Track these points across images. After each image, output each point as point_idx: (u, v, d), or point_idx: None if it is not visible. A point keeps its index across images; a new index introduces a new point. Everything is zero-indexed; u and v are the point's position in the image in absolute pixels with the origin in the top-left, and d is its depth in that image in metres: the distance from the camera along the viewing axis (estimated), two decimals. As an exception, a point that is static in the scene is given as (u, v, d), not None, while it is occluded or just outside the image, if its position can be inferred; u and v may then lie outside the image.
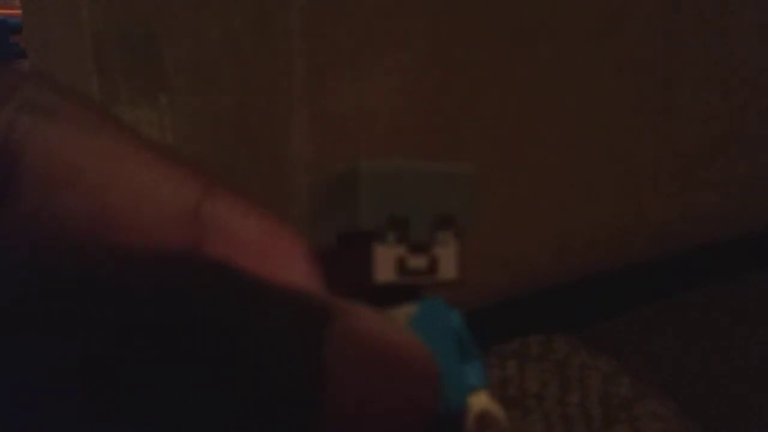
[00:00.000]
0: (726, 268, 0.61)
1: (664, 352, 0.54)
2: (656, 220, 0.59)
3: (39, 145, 0.16)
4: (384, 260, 0.16)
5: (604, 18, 0.53)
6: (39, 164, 0.16)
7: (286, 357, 0.14)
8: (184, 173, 0.17)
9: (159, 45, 0.50)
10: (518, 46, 0.50)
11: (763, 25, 0.58)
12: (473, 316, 0.17)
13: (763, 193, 0.63)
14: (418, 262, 0.17)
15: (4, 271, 0.16)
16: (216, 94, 0.49)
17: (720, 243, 0.61)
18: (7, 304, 0.14)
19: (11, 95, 0.16)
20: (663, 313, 0.58)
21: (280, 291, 0.15)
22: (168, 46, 0.50)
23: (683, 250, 0.60)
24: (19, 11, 0.78)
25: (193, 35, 0.48)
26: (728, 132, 0.60)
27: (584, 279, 0.57)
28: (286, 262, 0.17)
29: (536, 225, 0.54)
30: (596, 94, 0.54)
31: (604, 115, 0.55)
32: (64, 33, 0.58)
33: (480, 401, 0.16)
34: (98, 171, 0.17)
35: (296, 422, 0.14)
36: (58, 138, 0.16)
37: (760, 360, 0.53)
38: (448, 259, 0.17)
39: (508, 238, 0.53)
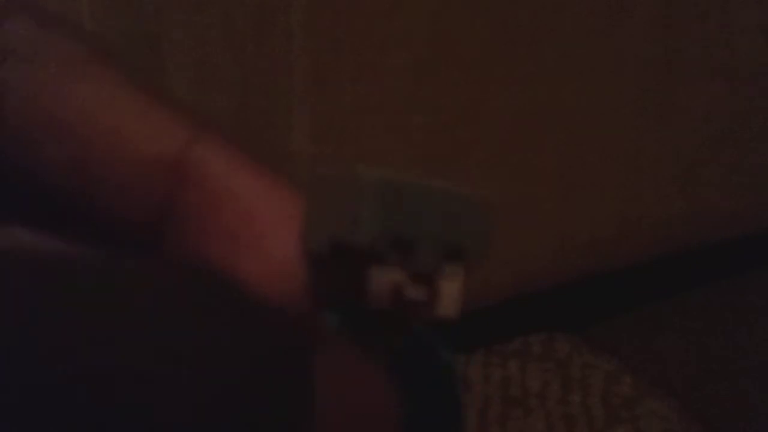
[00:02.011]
0: (728, 267, 0.61)
1: (665, 351, 0.54)
2: (657, 219, 0.59)
3: (15, 93, 0.15)
4: (379, 285, 0.14)
5: (605, 18, 0.53)
6: (16, 114, 0.15)
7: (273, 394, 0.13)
8: (171, 118, 0.16)
9: (160, 45, 0.49)
10: (519, 46, 0.50)
11: (765, 24, 0.58)
12: (475, 316, 0.17)
13: (764, 192, 0.63)
14: (417, 292, 0.14)
15: None
16: (217, 93, 0.49)
17: (722, 242, 0.61)
18: None
19: None
20: (665, 312, 0.58)
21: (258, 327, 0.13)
22: (169, 45, 0.49)
23: (685, 249, 0.60)
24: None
25: (194, 35, 0.48)
26: (729, 131, 0.60)
27: (586, 278, 0.56)
28: (268, 226, 0.15)
29: (537, 224, 0.54)
30: (597, 94, 0.54)
31: (604, 114, 0.55)
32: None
33: None
34: (78, 119, 0.16)
35: None
36: (35, 85, 0.15)
37: (761, 359, 0.53)
38: (451, 296, 0.15)
39: (509, 237, 0.53)
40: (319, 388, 0.13)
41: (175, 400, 0.12)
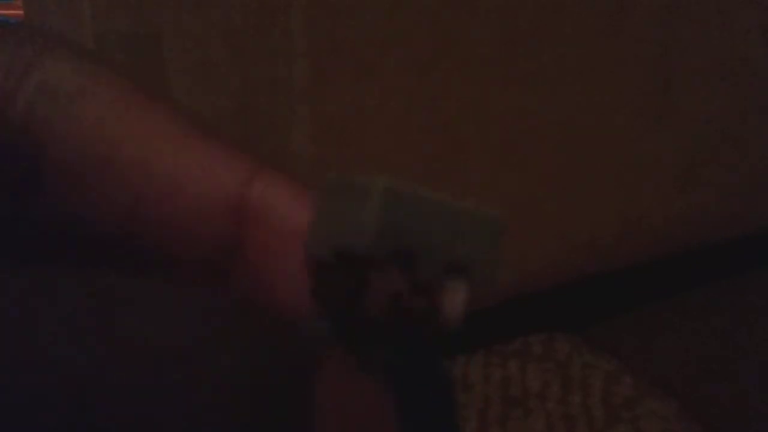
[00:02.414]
0: (728, 268, 0.61)
1: (665, 351, 0.54)
2: (657, 219, 0.59)
3: (61, 133, 0.14)
4: (377, 291, 0.14)
5: (605, 18, 0.53)
6: (61, 155, 0.14)
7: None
8: (228, 156, 0.15)
9: (160, 46, 0.49)
10: (519, 46, 0.50)
11: (765, 24, 0.58)
12: (475, 316, 0.16)
13: (764, 192, 0.63)
14: (417, 302, 0.14)
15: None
16: (217, 94, 0.49)
17: (722, 242, 0.61)
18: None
19: (29, 73, 0.14)
20: (665, 312, 0.58)
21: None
22: (170, 46, 0.50)
23: (685, 249, 0.60)
24: (20, 11, 0.78)
25: (195, 36, 0.48)
26: (729, 131, 0.60)
27: (586, 278, 0.57)
28: None
29: (537, 225, 0.54)
30: (597, 94, 0.54)
31: (604, 114, 0.55)
32: (65, 33, 0.57)
33: None
34: (129, 159, 0.15)
35: None
36: (81, 124, 0.15)
37: (761, 359, 0.53)
38: (452, 309, 0.14)
39: (509, 237, 0.53)
40: (318, 398, 0.13)
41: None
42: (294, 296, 0.15)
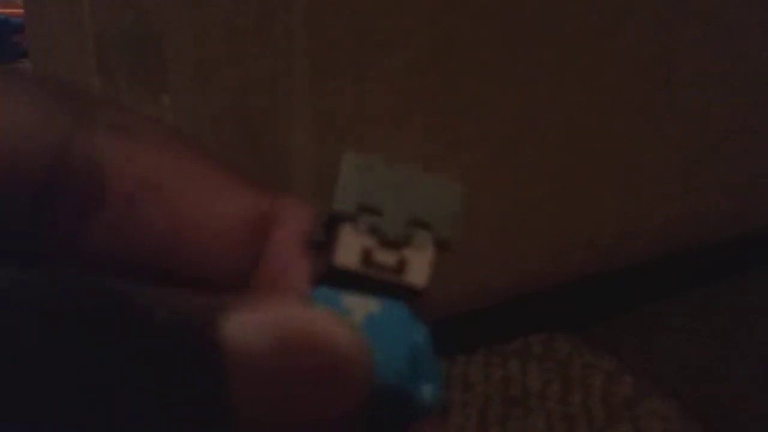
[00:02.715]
0: (728, 267, 0.61)
1: (666, 351, 0.54)
2: (658, 219, 0.59)
3: (119, 161, 0.17)
4: (348, 244, 0.16)
5: (605, 17, 0.53)
6: (121, 180, 0.17)
7: (177, 365, 0.13)
8: (250, 184, 0.19)
9: (161, 44, 0.49)
10: (519, 46, 0.50)
11: (765, 24, 0.58)
12: (475, 316, 0.17)
13: (764, 192, 0.63)
14: (385, 257, 0.16)
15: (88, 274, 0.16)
16: (217, 93, 0.49)
17: (722, 242, 0.61)
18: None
19: (91, 116, 0.17)
20: (665, 312, 0.58)
21: (157, 301, 0.14)
22: (170, 45, 0.50)
23: (685, 249, 0.60)
24: (20, 10, 0.78)
25: (195, 35, 0.48)
26: (730, 131, 0.60)
27: (586, 278, 0.57)
28: None
29: (538, 224, 0.54)
30: (597, 94, 0.54)
31: (605, 114, 0.55)
32: (65, 33, 0.58)
33: (426, 423, 0.16)
34: (171, 186, 0.17)
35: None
36: (135, 155, 0.17)
37: (762, 359, 0.53)
38: (419, 264, 0.16)
39: (509, 237, 0.53)
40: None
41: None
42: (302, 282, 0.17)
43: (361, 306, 0.16)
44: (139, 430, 0.13)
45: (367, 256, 0.16)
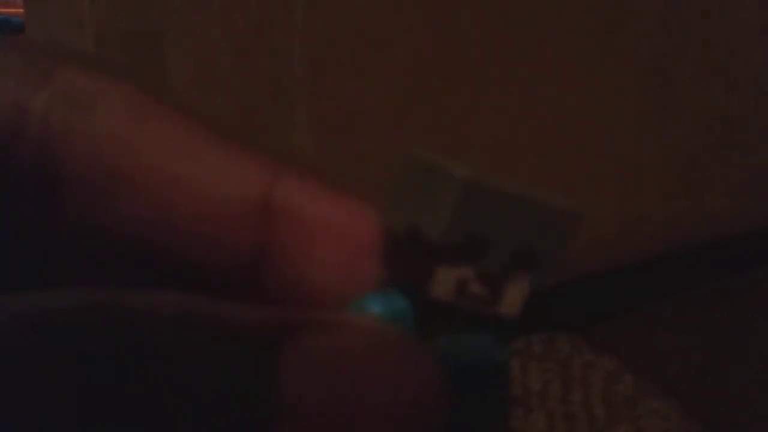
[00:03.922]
0: (729, 267, 0.61)
1: (666, 350, 0.54)
2: (659, 218, 0.59)
3: (79, 140, 0.14)
4: (445, 274, 0.14)
5: (606, 17, 0.53)
6: (80, 168, 0.14)
7: (233, 390, 0.11)
8: (248, 159, 0.15)
9: (161, 44, 0.49)
10: (519, 45, 0.50)
11: (765, 24, 0.58)
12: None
13: (764, 192, 0.63)
14: (481, 289, 0.14)
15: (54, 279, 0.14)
16: (217, 93, 0.49)
17: (723, 241, 0.61)
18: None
19: (44, 83, 0.14)
20: (666, 311, 0.58)
21: (218, 319, 0.12)
22: (169, 45, 0.49)
23: (686, 248, 0.60)
24: (21, 10, 0.78)
25: (195, 34, 0.48)
26: (730, 131, 0.60)
27: (587, 277, 0.56)
28: (358, 251, 0.15)
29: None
30: (597, 94, 0.54)
31: (606, 113, 0.55)
32: (66, 32, 0.58)
33: None
34: (147, 169, 0.14)
35: None
36: (97, 136, 0.14)
37: (761, 359, 0.53)
38: (513, 295, 0.14)
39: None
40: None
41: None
42: (332, 286, 0.15)
43: (444, 332, 0.14)
44: None
45: (462, 287, 0.14)
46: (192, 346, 0.11)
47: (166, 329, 0.11)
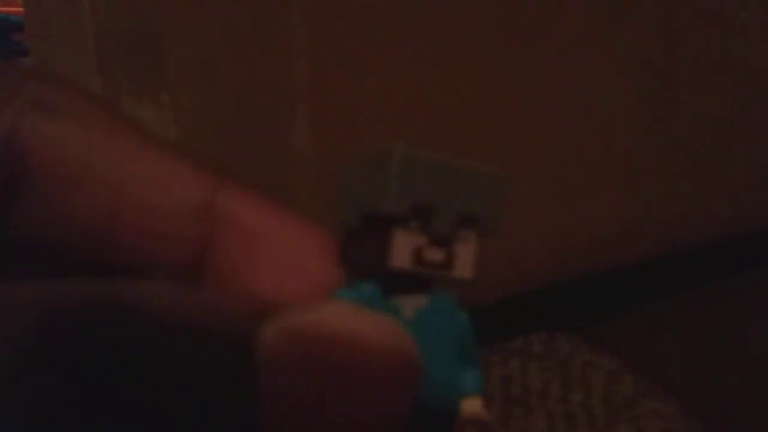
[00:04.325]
0: (730, 267, 0.61)
1: (667, 350, 0.54)
2: (659, 218, 0.59)
3: (44, 145, 0.15)
4: (402, 246, 0.15)
5: (607, 16, 0.53)
6: (45, 164, 0.15)
7: (213, 374, 0.12)
8: (195, 169, 0.17)
9: (161, 43, 0.49)
10: (520, 45, 0.50)
11: (765, 24, 0.58)
12: (476, 314, 0.17)
13: (764, 192, 0.63)
14: (435, 254, 0.16)
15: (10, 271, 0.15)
16: (218, 92, 0.49)
17: (724, 241, 0.61)
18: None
19: (14, 95, 0.16)
20: (666, 311, 0.58)
21: (196, 309, 0.13)
22: (170, 44, 0.49)
23: (687, 248, 0.60)
24: (20, 9, 0.78)
25: (195, 33, 0.48)
26: (732, 130, 0.60)
27: (587, 277, 0.57)
28: (302, 253, 0.16)
29: (539, 223, 0.54)
30: (597, 93, 0.54)
31: (606, 113, 0.55)
32: (65, 31, 0.58)
33: (472, 406, 0.16)
34: (107, 170, 0.16)
35: None
36: (63, 137, 0.16)
37: (762, 359, 0.53)
38: (466, 258, 0.16)
39: (510, 236, 0.53)
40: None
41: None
42: (270, 291, 0.16)
43: (409, 302, 0.16)
44: None
45: (418, 255, 0.16)
46: (181, 334, 0.12)
47: (158, 320, 0.12)
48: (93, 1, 0.52)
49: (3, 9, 0.95)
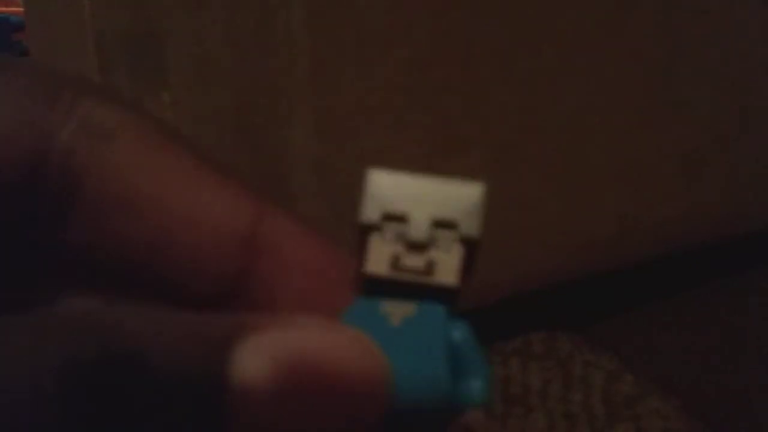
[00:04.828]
0: (729, 266, 0.61)
1: (667, 349, 0.54)
2: (659, 217, 0.59)
3: (98, 168, 0.16)
4: (377, 252, 0.16)
5: (607, 15, 0.53)
6: (98, 188, 0.16)
7: (185, 400, 0.12)
8: (239, 193, 0.17)
9: (161, 43, 0.49)
10: (521, 43, 0.50)
11: (765, 23, 0.58)
12: (475, 314, 0.17)
13: (764, 192, 0.63)
14: (414, 260, 0.16)
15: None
16: (218, 92, 0.49)
17: (724, 241, 0.61)
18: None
19: (71, 114, 0.16)
20: (666, 310, 0.58)
21: (169, 336, 0.13)
22: (170, 44, 0.49)
23: (686, 247, 0.60)
24: (21, 9, 0.78)
25: (195, 33, 0.48)
26: (732, 130, 0.60)
27: (587, 277, 0.57)
28: (339, 284, 0.17)
29: (539, 223, 0.54)
30: (597, 93, 0.54)
31: (606, 112, 0.55)
32: (66, 31, 0.58)
33: (470, 419, 0.16)
34: (155, 194, 0.16)
35: None
36: (116, 161, 0.16)
37: (762, 359, 0.53)
38: (447, 263, 0.16)
39: (510, 235, 0.53)
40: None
41: None
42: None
43: (398, 311, 0.16)
44: None
45: (396, 262, 0.16)
46: (165, 353, 0.12)
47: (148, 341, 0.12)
48: (93, 1, 0.52)
49: (3, 9, 0.95)
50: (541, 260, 0.55)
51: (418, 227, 0.16)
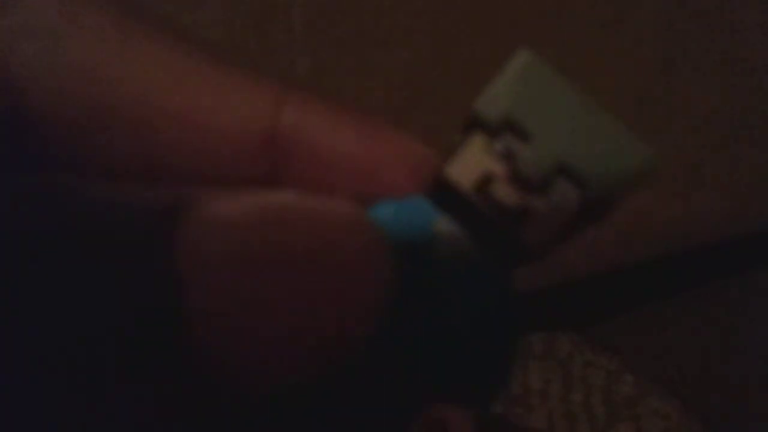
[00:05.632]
0: (729, 267, 0.61)
1: (667, 350, 0.54)
2: (660, 217, 0.59)
3: (45, 76, 0.12)
4: (471, 159, 0.12)
5: (607, 15, 0.53)
6: (52, 104, 0.12)
7: (128, 271, 0.10)
8: (247, 85, 0.13)
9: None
10: (521, 43, 0.50)
11: (765, 23, 0.58)
12: None
13: (764, 192, 0.63)
14: (507, 194, 0.11)
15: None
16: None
17: (724, 241, 0.61)
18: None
19: (5, 13, 0.12)
20: (666, 311, 0.58)
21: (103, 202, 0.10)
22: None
23: (686, 248, 0.60)
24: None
25: (195, 33, 0.48)
26: (730, 131, 0.60)
27: (587, 277, 0.56)
28: (394, 180, 0.13)
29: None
30: (597, 94, 0.54)
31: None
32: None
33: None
34: (129, 100, 0.12)
35: (161, 341, 0.10)
36: (69, 65, 0.12)
37: (762, 359, 0.53)
38: (547, 221, 0.11)
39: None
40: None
41: None
42: None
43: (447, 240, 0.12)
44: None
45: (485, 183, 0.12)
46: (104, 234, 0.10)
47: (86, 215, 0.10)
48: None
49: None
50: (540, 261, 0.55)
51: (537, 160, 0.11)
